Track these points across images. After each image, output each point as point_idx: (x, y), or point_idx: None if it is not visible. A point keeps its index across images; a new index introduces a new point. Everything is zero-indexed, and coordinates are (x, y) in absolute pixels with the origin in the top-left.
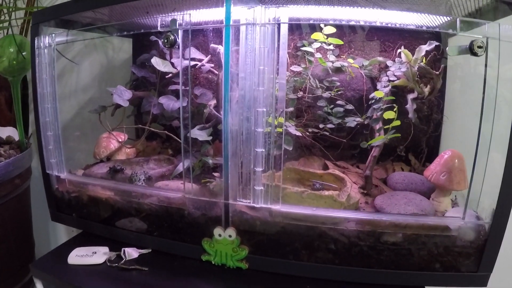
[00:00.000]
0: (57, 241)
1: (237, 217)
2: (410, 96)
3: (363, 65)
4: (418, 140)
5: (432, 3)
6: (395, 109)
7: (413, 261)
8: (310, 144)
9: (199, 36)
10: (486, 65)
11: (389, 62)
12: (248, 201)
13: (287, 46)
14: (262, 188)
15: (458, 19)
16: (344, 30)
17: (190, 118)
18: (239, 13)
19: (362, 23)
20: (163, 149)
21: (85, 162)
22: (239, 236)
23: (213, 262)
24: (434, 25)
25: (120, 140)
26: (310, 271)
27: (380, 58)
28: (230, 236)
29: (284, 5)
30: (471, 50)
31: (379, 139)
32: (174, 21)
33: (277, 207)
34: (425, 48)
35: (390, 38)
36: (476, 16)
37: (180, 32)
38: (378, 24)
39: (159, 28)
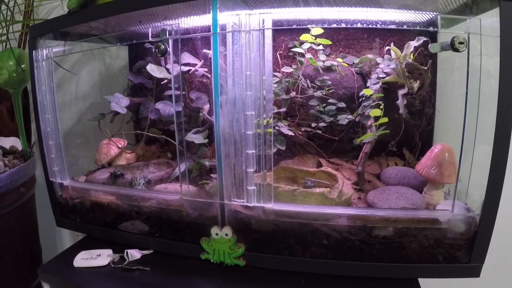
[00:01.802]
0: (63, 246)
1: (232, 216)
2: (401, 92)
3: (353, 63)
4: (412, 135)
5: (422, 1)
6: (381, 107)
7: (405, 254)
8: (304, 142)
9: (191, 41)
10: (468, 61)
11: (378, 59)
12: (242, 200)
13: (272, 50)
14: (255, 187)
15: (439, 16)
16: (333, 29)
17: (183, 122)
18: (226, 18)
19: (344, 25)
20: (162, 153)
21: (87, 168)
22: (235, 234)
23: (212, 261)
24: (421, 21)
25: (120, 146)
26: (304, 266)
27: (370, 56)
28: (226, 234)
29: (271, 8)
30: (452, 46)
31: (368, 136)
32: (164, 31)
33: (270, 205)
34: (413, 44)
35: (380, 35)
36: (473, 8)
37: (170, 42)
38: (359, 25)
39: (150, 38)
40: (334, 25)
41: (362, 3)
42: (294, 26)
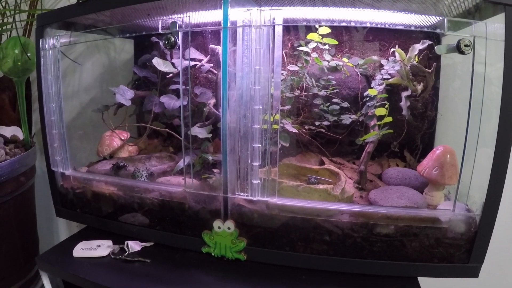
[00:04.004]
0: (60, 239)
1: (235, 210)
2: (404, 94)
3: (358, 64)
4: (413, 137)
5: (428, 5)
6: (386, 106)
7: (406, 253)
8: (307, 140)
9: (199, 36)
10: (473, 64)
11: (383, 61)
12: (246, 194)
13: (282, 46)
14: (259, 182)
15: (445, 19)
16: (340, 30)
17: (190, 117)
18: (236, 14)
19: (353, 24)
20: (164, 146)
21: (88, 161)
22: (238, 228)
23: (213, 254)
24: (427, 25)
25: (123, 138)
26: (305, 262)
27: (375, 57)
28: (229, 228)
29: (280, 6)
30: (458, 48)
31: (371, 135)
32: (174, 23)
33: (274, 200)
34: (418, 47)
35: (385, 37)
36: (476, 15)
37: (180, 34)
38: (368, 25)
39: (160, 30)
40: (344, 24)
41: (367, 4)
42: (304, 24)
